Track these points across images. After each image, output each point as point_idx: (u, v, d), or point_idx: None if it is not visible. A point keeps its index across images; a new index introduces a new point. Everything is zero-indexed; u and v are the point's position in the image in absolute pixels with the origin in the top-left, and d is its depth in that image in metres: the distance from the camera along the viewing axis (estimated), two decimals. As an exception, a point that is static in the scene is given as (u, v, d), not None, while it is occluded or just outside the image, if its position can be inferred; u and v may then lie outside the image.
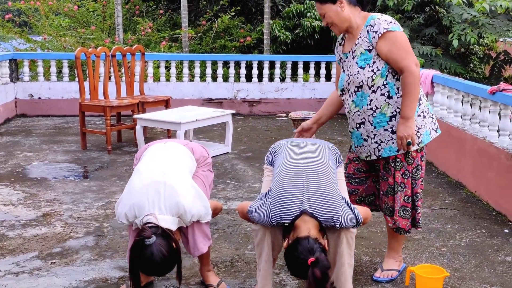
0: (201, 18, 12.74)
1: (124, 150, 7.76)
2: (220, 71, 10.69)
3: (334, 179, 3.39)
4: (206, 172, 3.81)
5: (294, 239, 3.12)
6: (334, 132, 9.02)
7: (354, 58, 3.72)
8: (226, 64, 11.32)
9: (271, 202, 3.26)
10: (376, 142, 3.74)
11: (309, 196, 3.21)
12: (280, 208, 3.21)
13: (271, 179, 3.53)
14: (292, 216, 3.19)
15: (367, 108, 3.69)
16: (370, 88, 3.66)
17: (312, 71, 10.78)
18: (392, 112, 3.67)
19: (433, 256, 4.38)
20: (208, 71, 10.64)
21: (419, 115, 3.73)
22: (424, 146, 3.77)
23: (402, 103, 3.59)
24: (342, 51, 3.87)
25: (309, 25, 11.72)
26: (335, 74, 4.04)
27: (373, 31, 3.63)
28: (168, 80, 10.68)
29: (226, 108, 10.12)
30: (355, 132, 3.84)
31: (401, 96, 3.63)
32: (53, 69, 10.34)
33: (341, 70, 3.91)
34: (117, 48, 8.30)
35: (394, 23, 3.65)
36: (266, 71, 10.78)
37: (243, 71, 10.81)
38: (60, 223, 5.02)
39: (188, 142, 3.87)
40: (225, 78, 10.97)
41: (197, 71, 10.63)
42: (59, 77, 10.77)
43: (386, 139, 3.71)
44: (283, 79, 11.07)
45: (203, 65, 10.92)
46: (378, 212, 4.07)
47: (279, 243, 3.45)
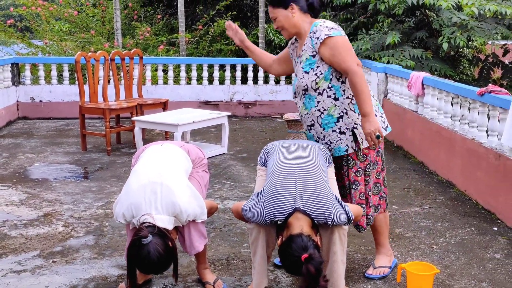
0: (197, 23, 12.75)
1: (123, 152, 7.76)
2: (216, 74, 10.70)
3: (325, 178, 3.40)
4: (202, 172, 3.81)
5: (288, 237, 3.13)
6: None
7: (301, 63, 3.80)
8: (222, 67, 11.33)
9: (264, 201, 3.27)
10: (326, 143, 3.81)
11: (301, 194, 3.23)
12: (273, 206, 3.23)
13: (264, 178, 3.55)
14: (286, 214, 3.20)
15: (315, 110, 3.77)
16: (315, 91, 3.73)
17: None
18: (339, 113, 3.73)
19: (423, 254, 4.38)
20: (205, 74, 10.65)
21: None
22: (379, 141, 3.78)
23: (357, 102, 3.63)
24: (296, 54, 3.96)
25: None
26: (281, 53, 4.19)
27: (315, 38, 3.69)
28: (165, 83, 10.68)
29: (222, 110, 10.16)
30: (308, 134, 3.94)
31: (347, 97, 3.72)
32: (53, 72, 10.34)
33: (287, 59, 4.10)
34: (116, 52, 8.29)
35: (335, 28, 3.70)
36: (261, 74, 10.79)
37: (238, 74, 10.81)
38: (61, 222, 5.01)
39: (184, 143, 3.87)
40: (221, 81, 10.98)
41: (194, 74, 10.63)
42: (60, 80, 10.78)
43: (334, 140, 3.77)
44: (277, 82, 11.08)
45: (199, 68, 10.93)
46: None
47: (273, 241, 3.47)
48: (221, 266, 4.14)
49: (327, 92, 3.71)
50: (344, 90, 3.72)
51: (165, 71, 11.08)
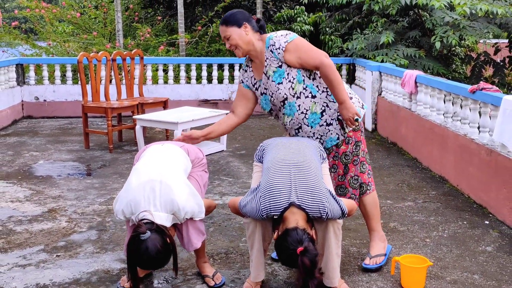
0: (197, 24, 12.73)
1: (124, 149, 7.75)
2: (215, 73, 10.69)
3: (319, 174, 3.41)
4: (201, 172, 3.81)
5: (284, 231, 3.14)
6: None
7: (269, 78, 3.77)
8: (221, 66, 11.33)
9: (261, 196, 3.28)
10: (317, 138, 3.83)
11: (296, 189, 3.23)
12: (269, 201, 3.23)
13: (260, 175, 3.56)
14: (281, 209, 3.20)
15: (299, 113, 3.77)
16: (294, 96, 3.74)
17: (302, 73, 10.75)
18: (321, 108, 3.77)
19: (417, 247, 4.39)
20: (204, 73, 10.64)
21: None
22: (359, 123, 3.85)
23: (332, 92, 3.68)
24: (255, 78, 3.91)
25: (299, 29, 11.71)
26: (236, 98, 4.07)
27: (276, 49, 3.70)
28: (166, 82, 10.67)
29: (221, 108, 10.14)
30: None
31: (322, 91, 3.76)
32: (57, 73, 10.34)
33: (248, 94, 3.96)
34: (117, 53, 8.28)
35: (289, 34, 3.75)
36: (259, 73, 10.74)
37: (236, 73, 10.79)
38: (65, 218, 5.02)
39: (184, 143, 3.87)
40: (220, 80, 10.97)
41: (193, 73, 10.63)
42: (63, 80, 10.77)
43: (324, 133, 3.81)
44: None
45: (199, 68, 10.92)
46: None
47: (269, 235, 3.48)
48: (220, 259, 4.14)
49: (304, 94, 3.73)
50: (317, 86, 3.76)
51: (165, 71, 11.07)
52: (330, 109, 3.77)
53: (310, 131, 3.81)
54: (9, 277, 3.84)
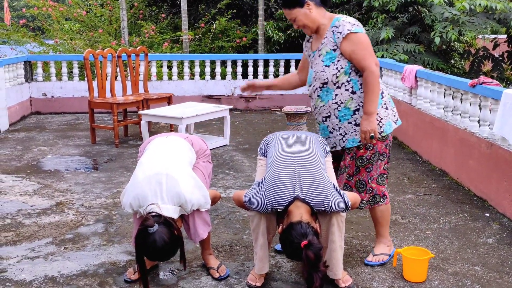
0: (200, 21, 12.71)
1: (130, 144, 7.73)
2: (218, 69, 10.65)
3: (323, 167, 3.37)
4: (205, 163, 3.77)
5: (288, 224, 3.11)
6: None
7: (320, 56, 3.71)
8: (223, 63, 11.28)
9: (265, 190, 3.24)
10: (341, 134, 3.74)
11: (300, 183, 3.20)
12: (274, 195, 3.20)
13: (265, 168, 3.52)
14: (286, 202, 3.17)
15: (332, 103, 3.69)
16: (334, 84, 3.66)
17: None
18: (355, 106, 3.67)
19: (418, 239, 4.35)
20: (207, 69, 10.60)
21: (382, 106, 3.73)
22: (387, 135, 3.76)
23: (364, 100, 3.59)
24: (311, 49, 3.86)
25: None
26: (300, 62, 4.11)
27: (337, 32, 3.61)
28: (170, 78, 10.64)
29: (224, 104, 10.11)
30: (321, 124, 3.84)
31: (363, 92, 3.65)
32: (64, 70, 10.33)
33: (309, 63, 3.92)
34: (122, 50, 8.25)
35: (357, 25, 3.63)
36: (261, 69, 10.73)
37: (239, 69, 10.75)
38: (72, 211, 4.99)
39: (188, 135, 3.83)
40: (223, 76, 10.93)
41: (197, 70, 10.61)
42: (70, 77, 10.77)
43: (350, 131, 3.71)
44: (276, 76, 11.02)
45: (202, 64, 10.88)
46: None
47: (273, 228, 3.45)
48: (224, 252, 4.11)
49: (345, 86, 3.64)
50: (361, 84, 3.64)
51: (169, 67, 11.03)
52: None
53: (337, 125, 3.72)
54: (18, 269, 3.82)
